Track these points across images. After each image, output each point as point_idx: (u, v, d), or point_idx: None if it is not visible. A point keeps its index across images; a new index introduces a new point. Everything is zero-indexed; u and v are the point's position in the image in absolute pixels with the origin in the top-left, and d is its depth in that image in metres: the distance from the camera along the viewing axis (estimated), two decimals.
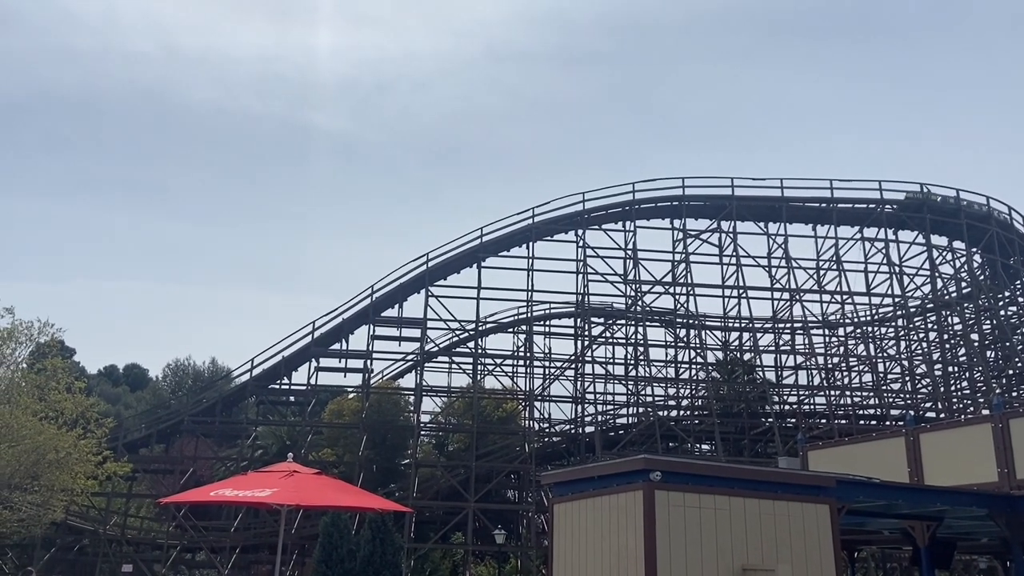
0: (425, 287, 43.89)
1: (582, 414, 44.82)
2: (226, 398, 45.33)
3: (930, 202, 46.90)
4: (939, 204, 47.22)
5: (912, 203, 46.80)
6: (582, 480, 13.42)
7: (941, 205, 47.24)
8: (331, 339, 44.08)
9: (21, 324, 29.55)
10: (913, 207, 46.73)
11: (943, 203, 47.29)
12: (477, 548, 41.31)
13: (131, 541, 42.35)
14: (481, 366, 44.89)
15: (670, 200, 46.52)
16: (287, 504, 11.00)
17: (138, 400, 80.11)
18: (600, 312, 46.59)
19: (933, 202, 47.10)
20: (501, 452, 44.99)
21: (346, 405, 46.66)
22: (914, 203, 46.84)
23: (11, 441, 27.13)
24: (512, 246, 45.53)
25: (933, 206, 46.96)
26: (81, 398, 30.41)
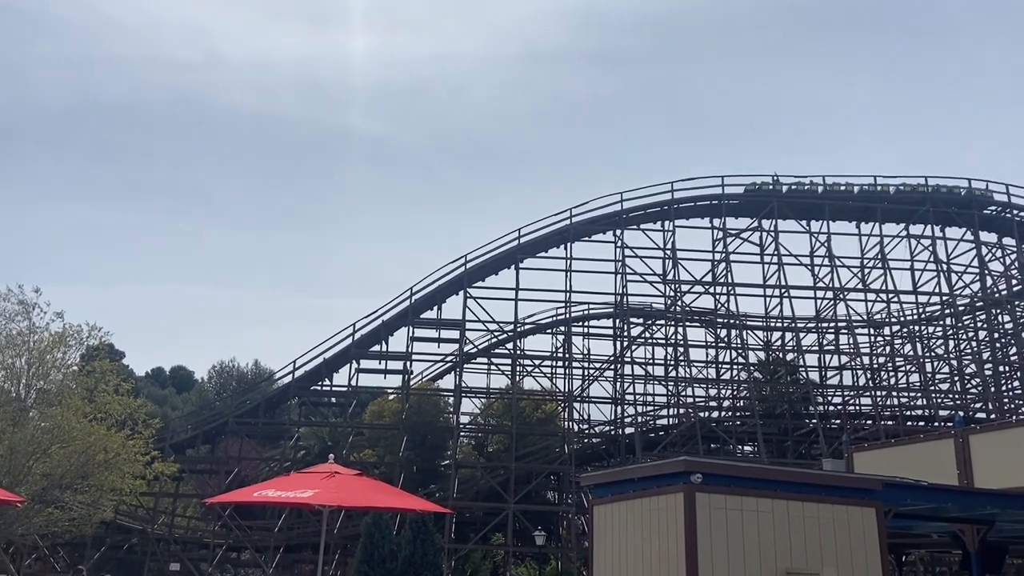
0: (464, 289, 44.06)
1: (622, 415, 44.58)
2: (269, 399, 46.05)
3: (977, 197, 45.75)
4: (986, 199, 46.05)
5: (956, 198, 45.68)
6: (622, 482, 13.34)
7: (987, 200, 46.07)
8: (371, 341, 44.49)
9: (71, 328, 30.31)
10: (962, 203, 45.62)
11: (989, 198, 46.12)
12: (517, 549, 41.31)
13: (178, 540, 43.21)
14: (520, 367, 44.91)
15: (709, 199, 46.05)
16: (329, 505, 11.11)
17: (184, 402, 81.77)
18: (639, 312, 46.29)
19: (981, 197, 45.93)
20: (540, 453, 44.95)
21: (386, 406, 47.06)
22: (961, 199, 45.72)
23: (63, 442, 27.84)
24: (550, 247, 45.48)
25: (981, 201, 45.80)
26: (129, 400, 31.09)
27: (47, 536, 33.30)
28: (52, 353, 29.54)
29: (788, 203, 45.65)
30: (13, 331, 29.15)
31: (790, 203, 45.71)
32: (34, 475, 27.11)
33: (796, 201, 45.87)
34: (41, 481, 27.30)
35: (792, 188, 46.23)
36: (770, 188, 46.08)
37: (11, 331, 29.12)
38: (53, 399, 29.06)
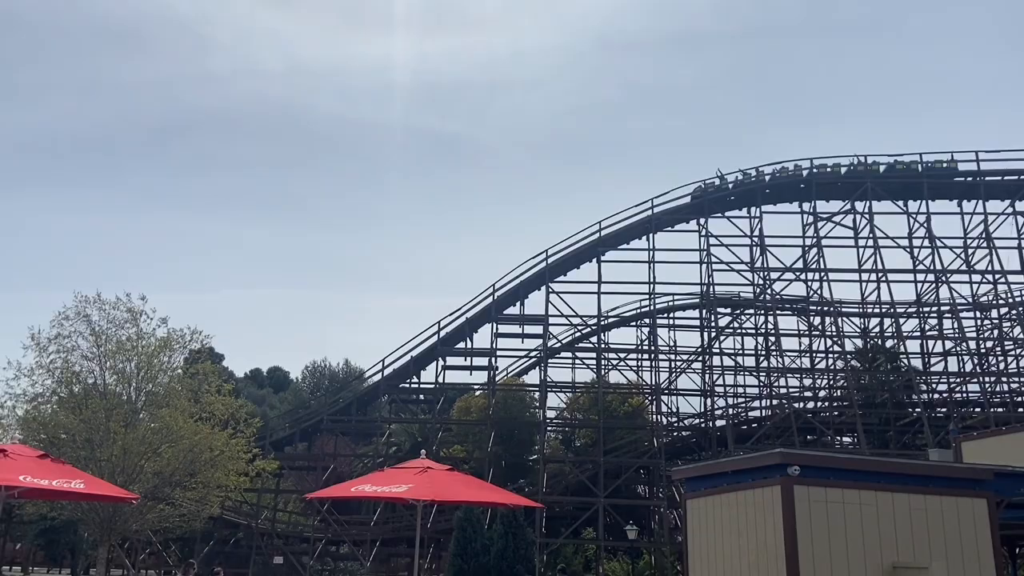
0: (545, 284, 44.05)
1: (711, 407, 43.71)
2: (360, 398, 47.23)
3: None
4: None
5: None
6: (716, 475, 13.12)
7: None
8: (456, 338, 45.03)
9: (175, 333, 31.78)
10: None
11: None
12: (609, 544, 41.08)
13: (281, 534, 44.85)
14: (605, 361, 44.63)
15: (798, 182, 44.63)
16: (423, 499, 11.30)
17: (281, 401, 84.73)
18: (727, 302, 45.29)
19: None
20: (629, 447, 44.57)
21: (473, 402, 47.57)
22: None
23: (171, 442, 29.22)
24: (632, 238, 44.99)
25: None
26: (230, 400, 32.37)
27: (159, 532, 35.02)
28: (159, 357, 30.99)
29: (883, 183, 43.78)
30: (123, 337, 30.72)
31: (885, 183, 43.83)
32: (146, 473, 28.54)
33: (892, 181, 43.95)
34: (153, 479, 28.71)
35: (888, 167, 44.32)
36: (863, 169, 44.31)
37: (121, 337, 30.69)
38: (161, 401, 30.51)
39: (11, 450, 11.07)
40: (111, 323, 30.74)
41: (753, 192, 44.40)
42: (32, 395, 29.49)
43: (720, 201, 44.79)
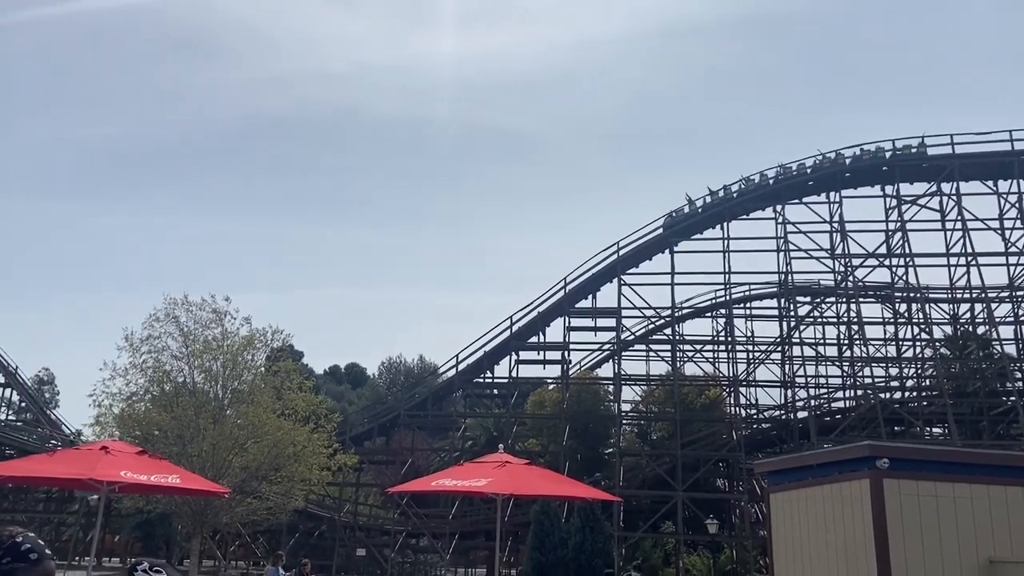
0: (617, 276, 43.70)
1: (792, 399, 42.61)
2: (436, 393, 47.84)
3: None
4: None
5: None
6: (800, 468, 12.78)
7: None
8: (528, 332, 45.12)
9: (257, 332, 32.84)
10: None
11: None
12: (688, 537, 40.55)
13: (362, 527, 45.86)
14: (680, 352, 44.03)
15: (879, 165, 43.01)
16: (502, 493, 11.36)
17: (359, 396, 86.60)
18: (806, 290, 44.06)
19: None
20: (707, 440, 43.87)
21: (547, 396, 47.60)
22: None
23: (256, 437, 30.23)
24: (705, 228, 44.20)
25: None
26: (311, 396, 33.28)
27: (248, 524, 36.25)
28: (242, 355, 32.07)
29: (970, 163, 41.81)
30: (209, 337, 31.92)
31: (973, 163, 41.84)
32: (234, 468, 29.58)
33: (980, 160, 41.92)
34: (240, 473, 29.73)
35: (974, 146, 42.32)
36: (948, 148, 42.41)
37: (207, 337, 31.89)
38: (246, 398, 31.58)
39: (112, 447, 11.63)
40: (198, 323, 31.97)
41: (832, 176, 43.02)
42: (127, 394, 30.94)
43: (797, 187, 43.55)
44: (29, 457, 16.11)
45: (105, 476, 10.57)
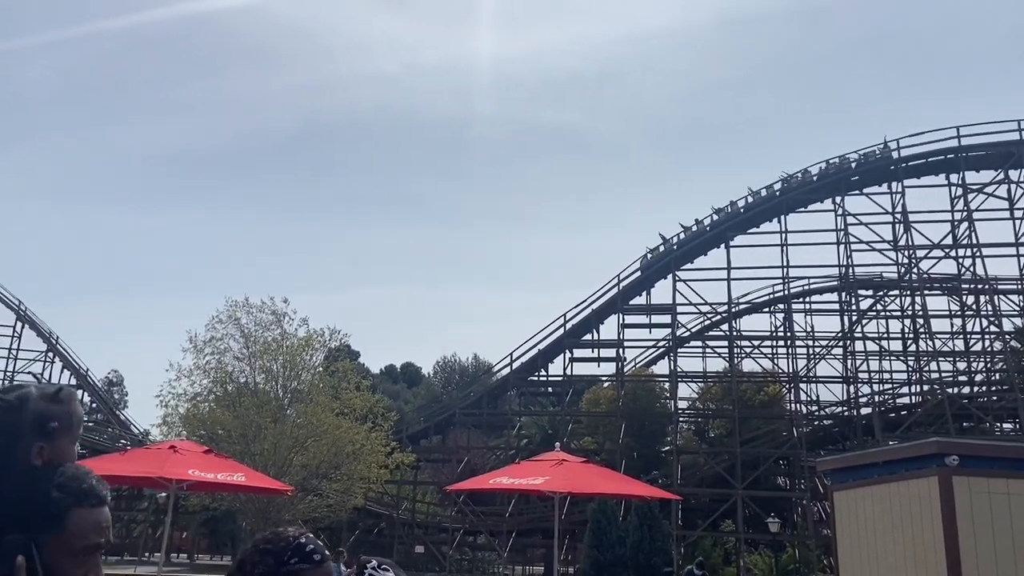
0: (672, 272, 43.25)
1: (855, 394, 41.55)
2: (491, 391, 48.06)
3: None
4: None
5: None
6: (865, 466, 12.50)
7: None
8: (582, 330, 44.99)
9: (315, 332, 33.49)
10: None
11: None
12: (749, 536, 39.91)
13: (420, 524, 46.36)
14: (737, 349, 43.37)
15: (943, 153, 41.64)
16: (560, 491, 11.37)
17: (415, 395, 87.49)
18: (868, 284, 42.92)
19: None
20: (767, 437, 43.11)
21: (602, 394, 47.37)
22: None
23: (316, 436, 30.83)
24: (762, 221, 43.43)
25: None
26: (368, 395, 33.80)
27: (309, 521, 36.96)
28: (301, 356, 32.76)
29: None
30: (269, 338, 32.67)
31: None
32: (295, 466, 30.23)
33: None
34: (301, 471, 30.36)
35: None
36: (1016, 135, 40.83)
37: (267, 338, 32.65)
38: (305, 397, 32.24)
39: (180, 446, 12.01)
40: (258, 325, 32.76)
41: (894, 166, 41.81)
42: (192, 394, 31.88)
43: (857, 177, 42.45)
44: (101, 456, 16.73)
45: (174, 474, 10.90)
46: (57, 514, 1.79)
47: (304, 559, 1.90)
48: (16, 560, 1.72)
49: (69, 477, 1.86)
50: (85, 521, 1.82)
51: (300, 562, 1.89)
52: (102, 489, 1.90)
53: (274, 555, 1.89)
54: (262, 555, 1.91)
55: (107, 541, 1.88)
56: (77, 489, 1.84)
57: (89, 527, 1.83)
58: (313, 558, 1.91)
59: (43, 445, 1.90)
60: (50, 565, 1.76)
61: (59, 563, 1.77)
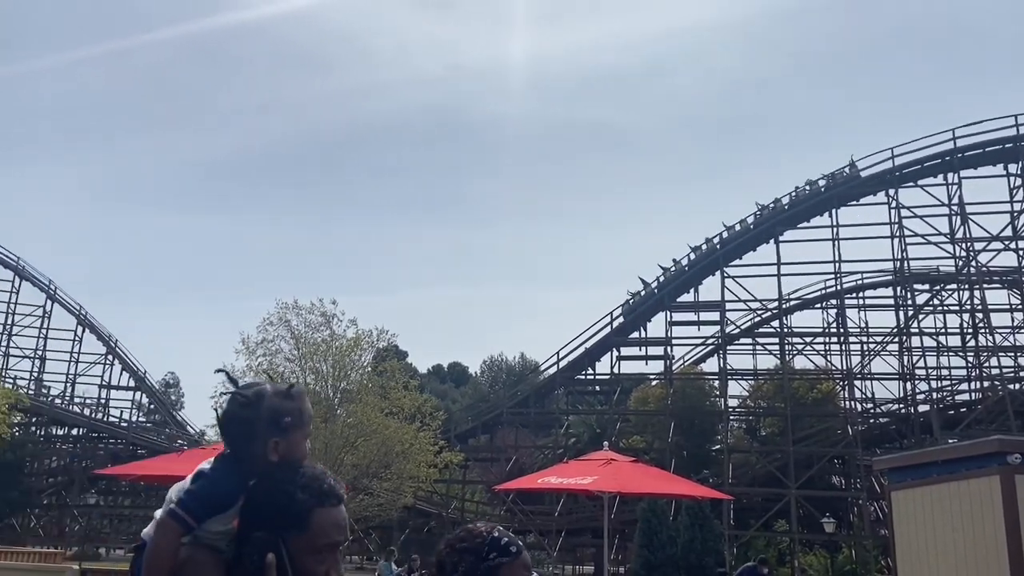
0: (720, 268, 42.70)
1: (912, 391, 40.50)
2: (538, 390, 48.06)
3: None
4: None
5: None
6: (923, 465, 12.21)
7: None
8: (629, 328, 44.72)
9: (363, 333, 33.88)
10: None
11: None
12: (803, 537, 39.19)
13: (470, 523, 46.51)
14: (789, 345, 42.64)
15: (1002, 142, 40.30)
16: (608, 491, 11.31)
17: (462, 395, 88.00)
18: (924, 277, 41.80)
19: None
20: (820, 436, 42.27)
21: (650, 392, 47.01)
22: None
23: (365, 436, 31.21)
24: (812, 216, 42.60)
25: None
26: (416, 395, 34.08)
27: (360, 520, 37.43)
28: (350, 356, 33.17)
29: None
30: (318, 339, 33.16)
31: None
32: (346, 466, 30.61)
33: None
34: (352, 471, 30.74)
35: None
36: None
37: (316, 339, 33.15)
38: (354, 397, 32.64)
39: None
40: (308, 327, 33.27)
41: (950, 157, 40.62)
42: None
43: (911, 169, 41.34)
44: (160, 457, 17.18)
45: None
46: (302, 514, 1.87)
47: (502, 552, 1.93)
48: (267, 557, 1.81)
49: (310, 478, 1.94)
50: (326, 520, 1.90)
51: (499, 556, 1.92)
52: (339, 488, 1.98)
53: (472, 552, 1.94)
54: (460, 554, 1.95)
55: (345, 539, 1.97)
56: (319, 490, 1.92)
57: (330, 526, 1.90)
58: (510, 550, 1.94)
59: (278, 440, 1.98)
60: (295, 562, 1.84)
61: (303, 560, 1.85)
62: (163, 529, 1.95)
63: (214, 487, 1.98)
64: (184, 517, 1.93)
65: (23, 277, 55.29)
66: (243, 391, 2.08)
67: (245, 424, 2.01)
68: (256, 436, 1.99)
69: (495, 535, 1.97)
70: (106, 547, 50.11)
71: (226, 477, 1.99)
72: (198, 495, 1.97)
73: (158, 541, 1.94)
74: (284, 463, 1.98)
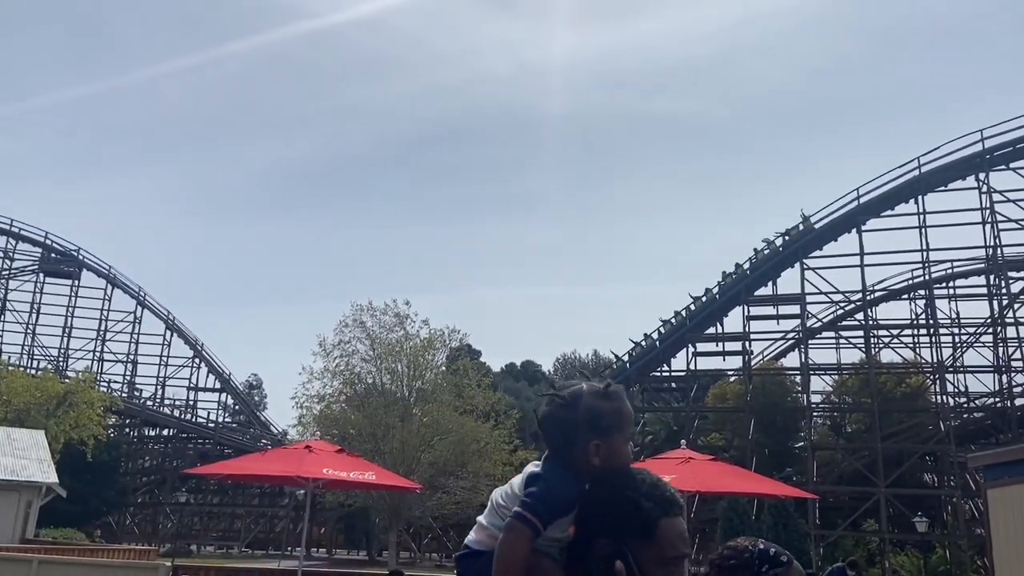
0: (799, 260, 41.44)
1: (1009, 384, 38.45)
2: None
3: None
4: None
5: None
6: (1021, 462, 11.50)
7: None
8: (705, 324, 43.86)
9: (436, 333, 34.23)
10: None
11: None
12: (894, 536, 37.68)
13: None
14: (874, 338, 41.07)
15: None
16: (687, 490, 11.05)
17: (535, 393, 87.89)
18: (1020, 265, 39.62)
19: None
20: (910, 432, 40.57)
21: (728, 388, 46.01)
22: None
23: (441, 434, 31.53)
24: (896, 203, 40.89)
25: None
26: (489, 393, 34.25)
27: (439, 518, 37.86)
28: (424, 356, 33.58)
29: None
30: (392, 340, 33.67)
31: None
32: (422, 464, 31.00)
33: None
34: (429, 469, 31.11)
35: None
36: None
37: (391, 340, 33.65)
38: (429, 396, 33.02)
39: (315, 446, 12.49)
40: (382, 327, 33.84)
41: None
42: (323, 396, 33.29)
43: (1003, 152, 39.25)
44: (245, 456, 17.69)
45: (310, 473, 11.32)
46: (649, 524, 1.80)
47: (774, 563, 1.88)
48: (616, 565, 1.76)
49: (651, 485, 1.86)
50: (673, 531, 1.82)
51: (772, 567, 1.87)
52: (679, 497, 1.90)
53: (744, 567, 1.89)
54: (732, 572, 1.90)
55: (690, 552, 1.89)
56: (662, 498, 1.84)
57: (676, 537, 1.83)
58: (781, 560, 1.89)
59: (599, 443, 1.90)
60: (642, 573, 1.78)
61: (650, 572, 1.79)
62: (515, 534, 1.84)
63: (557, 491, 1.88)
64: (535, 521, 1.84)
65: (115, 285, 57.95)
66: (560, 392, 2.01)
67: (564, 426, 1.94)
68: (576, 439, 1.91)
69: (761, 547, 1.91)
70: (197, 544, 51.97)
71: (564, 481, 1.89)
72: (543, 499, 1.87)
73: (511, 546, 1.84)
74: (617, 468, 1.89)
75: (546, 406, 2.03)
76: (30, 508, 24.56)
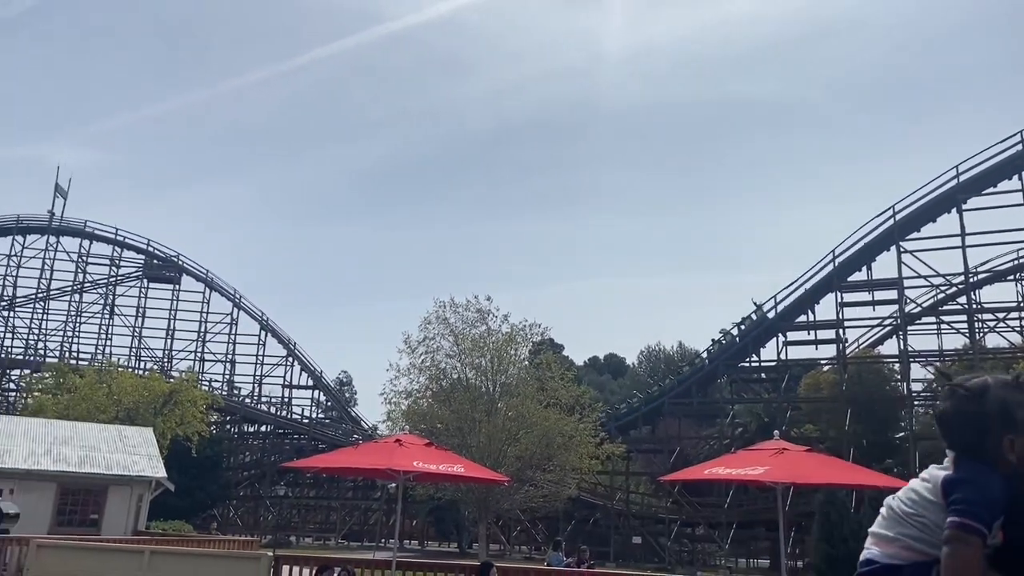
0: (895, 243, 39.76)
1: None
2: (699, 380, 46.75)
3: None
4: None
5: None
6: None
7: None
8: (795, 312, 42.60)
9: (517, 327, 34.32)
10: None
11: None
12: None
13: (636, 515, 46.08)
14: (979, 323, 39.04)
15: None
16: (781, 482, 10.73)
17: (620, 386, 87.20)
18: None
19: None
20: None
21: (822, 378, 44.54)
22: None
23: (526, 428, 31.60)
24: (999, 180, 38.75)
25: None
26: (573, 386, 34.11)
27: (527, 511, 38.00)
28: (506, 350, 33.71)
29: None
30: (475, 335, 33.94)
31: None
32: (509, 457, 31.15)
33: None
34: (515, 462, 31.23)
35: None
36: None
37: (474, 335, 33.93)
38: (513, 390, 33.14)
39: (404, 440, 12.71)
40: (465, 323, 34.13)
41: None
42: (410, 391, 33.87)
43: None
44: (338, 450, 18.18)
45: (401, 466, 11.52)
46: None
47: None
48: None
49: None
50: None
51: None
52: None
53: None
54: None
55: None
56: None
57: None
58: None
59: (1013, 437, 1.81)
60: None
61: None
62: (964, 545, 1.71)
63: (990, 493, 1.75)
64: (981, 529, 1.71)
65: (213, 288, 60.53)
66: (963, 384, 1.92)
67: (972, 420, 1.83)
68: (987, 433, 1.81)
69: None
70: (296, 535, 53.81)
71: (994, 481, 1.76)
72: (981, 503, 1.73)
73: (964, 559, 1.70)
74: (1018, 459, 1.77)
75: (947, 400, 1.90)
76: (141, 502, 25.88)
